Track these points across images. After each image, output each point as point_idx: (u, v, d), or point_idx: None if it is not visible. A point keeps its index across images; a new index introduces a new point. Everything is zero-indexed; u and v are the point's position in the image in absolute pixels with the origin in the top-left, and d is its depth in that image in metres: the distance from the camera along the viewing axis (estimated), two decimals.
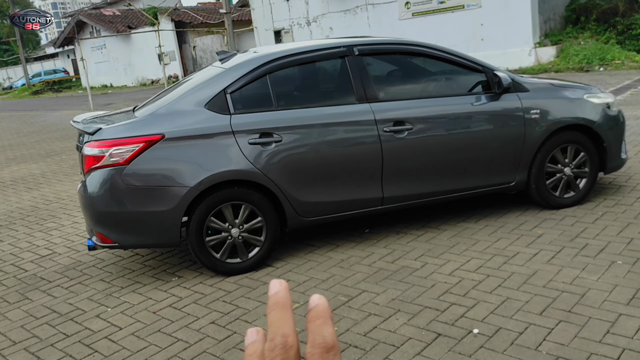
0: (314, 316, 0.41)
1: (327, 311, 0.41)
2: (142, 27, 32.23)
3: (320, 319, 0.41)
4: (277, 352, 0.40)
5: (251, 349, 0.43)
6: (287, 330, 0.41)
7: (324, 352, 0.39)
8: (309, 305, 0.42)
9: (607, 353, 2.67)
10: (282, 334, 0.40)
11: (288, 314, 0.41)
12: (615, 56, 14.31)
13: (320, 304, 0.42)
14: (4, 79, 55.17)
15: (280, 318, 0.41)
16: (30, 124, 17.91)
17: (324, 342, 0.40)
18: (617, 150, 4.76)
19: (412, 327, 3.10)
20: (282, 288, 0.43)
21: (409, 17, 17.80)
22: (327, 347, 0.39)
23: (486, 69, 4.51)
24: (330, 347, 0.40)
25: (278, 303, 0.42)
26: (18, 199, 7.35)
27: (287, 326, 0.41)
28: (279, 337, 0.40)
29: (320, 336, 0.40)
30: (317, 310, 0.41)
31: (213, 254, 4.02)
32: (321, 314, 0.41)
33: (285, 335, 0.40)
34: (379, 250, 4.23)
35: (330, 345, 0.40)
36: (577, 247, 3.90)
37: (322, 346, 0.39)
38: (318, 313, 0.41)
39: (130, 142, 3.83)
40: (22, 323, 3.69)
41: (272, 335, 0.41)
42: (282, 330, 0.41)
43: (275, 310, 0.42)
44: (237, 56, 4.55)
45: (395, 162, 4.25)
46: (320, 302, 0.42)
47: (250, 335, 0.44)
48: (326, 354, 0.39)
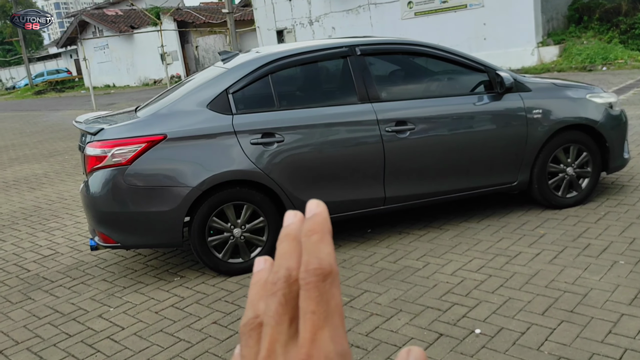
0: (310, 230, 0.34)
1: (325, 223, 0.35)
2: (145, 27, 32.27)
3: (317, 234, 0.34)
4: (280, 285, 0.34)
5: (256, 277, 0.38)
6: (292, 263, 0.35)
7: (319, 281, 0.33)
8: (306, 212, 0.35)
9: (609, 353, 2.66)
10: (287, 267, 0.35)
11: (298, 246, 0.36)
12: (618, 55, 14.28)
13: (318, 213, 0.35)
14: (7, 79, 55.30)
15: (288, 250, 0.35)
16: (33, 124, 17.95)
17: (319, 267, 0.33)
18: (619, 149, 4.75)
19: (414, 327, 3.10)
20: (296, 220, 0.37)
21: (412, 17, 17.78)
22: (324, 274, 0.33)
23: (488, 69, 4.51)
24: (327, 274, 0.33)
25: (289, 235, 0.36)
26: (21, 199, 7.37)
27: (293, 259, 0.35)
28: (283, 269, 0.35)
29: (316, 258, 0.33)
30: (314, 222, 0.34)
31: (215, 254, 4.02)
32: (318, 227, 0.34)
33: (290, 268, 0.35)
34: (381, 250, 4.23)
35: (327, 271, 0.33)
36: (579, 247, 3.90)
37: (318, 272, 0.33)
38: (314, 226, 0.34)
39: (132, 142, 3.84)
40: (25, 323, 3.69)
41: (276, 267, 0.36)
42: (288, 262, 0.35)
43: (285, 241, 0.36)
44: (239, 56, 4.55)
45: (398, 162, 4.24)
46: (318, 211, 0.35)
47: (258, 264, 0.39)
48: (322, 283, 0.33)
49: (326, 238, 0.34)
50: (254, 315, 0.36)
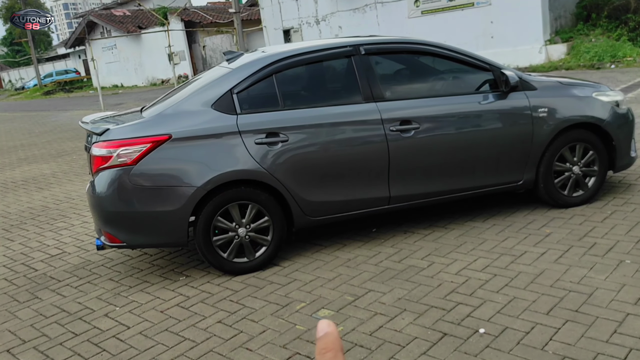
0: (324, 348, 0.38)
1: (337, 342, 0.38)
2: (152, 27, 32.40)
3: (330, 351, 0.38)
4: None
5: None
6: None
7: None
8: (317, 331, 0.38)
9: (614, 353, 2.65)
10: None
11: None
12: (627, 53, 14.17)
13: (330, 332, 0.38)
14: (17, 79, 55.73)
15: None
16: (42, 124, 18.08)
17: None
18: (626, 148, 4.72)
19: (418, 326, 3.10)
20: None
21: (418, 15, 17.74)
22: None
23: (493, 68, 4.49)
24: None
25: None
26: (29, 198, 7.43)
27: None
28: None
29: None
30: (327, 342, 0.38)
31: (220, 253, 4.04)
32: (331, 345, 0.38)
33: None
34: (386, 249, 4.23)
35: None
36: (585, 246, 3.88)
37: None
38: (327, 345, 0.38)
39: (137, 142, 3.86)
40: (32, 322, 3.73)
41: None
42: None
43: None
44: (244, 56, 4.56)
45: (402, 162, 4.24)
46: (329, 331, 0.39)
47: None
48: None
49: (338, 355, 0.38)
50: None
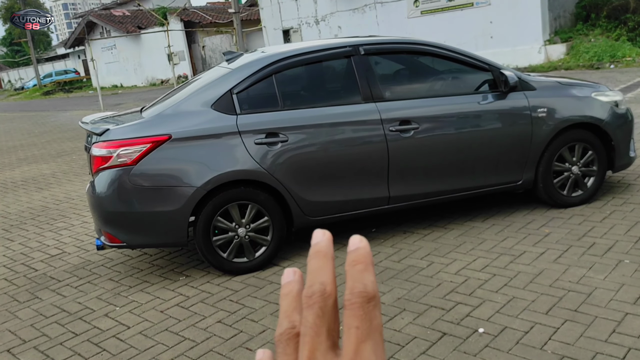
0: (355, 260, 0.38)
1: (368, 256, 0.38)
2: (152, 27, 32.39)
3: (361, 264, 0.38)
4: (315, 299, 0.38)
5: (286, 288, 0.41)
6: (326, 278, 0.38)
7: (364, 302, 0.36)
8: (348, 246, 0.39)
9: (612, 352, 2.66)
10: (321, 282, 0.38)
11: (328, 263, 0.39)
12: (626, 53, 14.18)
13: (362, 247, 0.39)
14: (16, 79, 55.70)
15: (321, 266, 0.39)
16: (42, 124, 18.08)
17: (364, 291, 0.37)
18: (625, 148, 4.73)
19: (418, 326, 3.11)
20: (325, 238, 0.41)
21: (418, 15, 17.74)
22: (368, 297, 0.37)
23: (492, 68, 4.50)
24: (371, 297, 0.37)
25: (320, 252, 0.40)
26: (29, 198, 7.43)
27: (326, 274, 0.39)
28: (318, 284, 0.38)
29: (361, 284, 0.37)
30: (358, 254, 0.38)
31: (220, 253, 4.04)
32: (362, 258, 0.38)
33: (324, 283, 0.38)
34: (386, 249, 4.24)
35: (371, 295, 0.37)
36: (584, 246, 3.89)
37: (363, 295, 0.37)
38: (359, 257, 0.38)
39: (137, 142, 3.87)
40: (32, 322, 3.73)
41: (310, 282, 0.39)
42: (321, 277, 0.38)
43: (316, 258, 0.40)
44: (244, 56, 4.57)
45: (402, 162, 4.25)
46: (361, 246, 0.39)
47: (287, 275, 0.42)
48: (367, 304, 0.36)
49: (369, 268, 0.38)
50: (291, 325, 0.39)
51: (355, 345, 0.36)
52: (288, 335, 0.39)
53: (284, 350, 0.39)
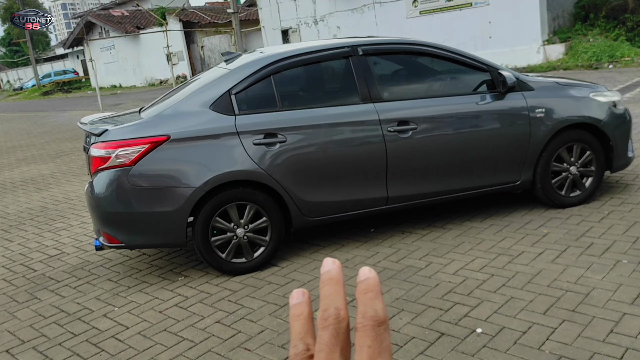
0: (365, 289, 0.42)
1: (377, 285, 0.42)
2: (151, 27, 32.38)
3: (371, 292, 0.42)
4: (331, 321, 0.41)
5: (297, 310, 0.45)
6: (339, 303, 0.42)
7: (375, 326, 0.40)
8: (358, 277, 0.43)
9: (610, 352, 2.67)
10: (336, 307, 0.42)
11: (341, 289, 0.43)
12: (625, 53, 14.20)
13: (371, 277, 0.43)
14: (15, 79, 55.66)
15: (334, 292, 0.43)
16: (40, 124, 18.07)
17: (375, 316, 0.41)
18: (623, 148, 4.74)
19: (416, 326, 3.11)
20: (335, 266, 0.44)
21: (417, 16, 17.75)
22: (379, 321, 0.41)
23: (491, 68, 4.51)
24: (382, 321, 0.41)
25: (332, 279, 0.44)
26: (28, 199, 7.43)
27: (340, 300, 0.42)
28: (332, 309, 0.42)
29: (372, 309, 0.41)
30: (369, 284, 0.42)
31: (219, 253, 4.05)
32: (372, 287, 0.42)
33: (338, 308, 0.42)
34: (384, 249, 4.24)
35: (381, 320, 0.41)
36: (582, 246, 3.90)
37: (374, 319, 0.41)
38: (369, 286, 0.42)
39: (136, 143, 3.87)
40: (31, 322, 3.74)
41: (325, 306, 0.42)
42: (335, 303, 0.42)
43: (329, 285, 0.43)
44: (242, 57, 4.57)
45: (400, 162, 4.25)
46: (371, 276, 0.43)
47: (297, 297, 0.45)
48: (378, 327, 0.40)
49: (379, 296, 0.42)
50: (305, 347, 0.43)
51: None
52: (302, 356, 0.43)
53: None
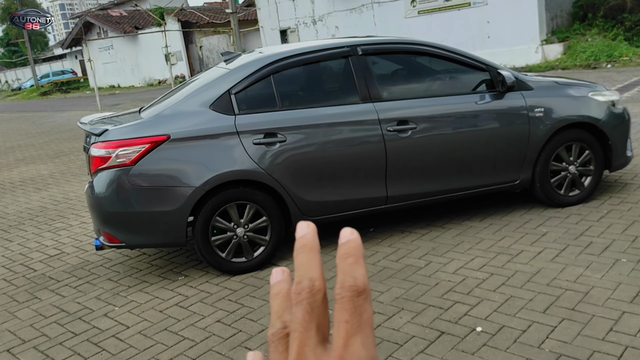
0: (345, 253, 0.38)
1: (359, 249, 0.38)
2: (149, 27, 32.36)
3: (351, 257, 0.37)
4: (304, 295, 0.37)
5: (276, 288, 0.41)
6: (314, 273, 0.38)
7: (354, 296, 0.36)
8: (339, 239, 0.38)
9: (609, 351, 2.68)
10: (309, 278, 0.38)
11: (316, 257, 0.39)
12: (623, 53, 14.22)
13: (352, 239, 0.38)
14: (13, 80, 55.59)
15: (308, 261, 0.39)
16: (39, 124, 18.05)
17: (354, 285, 0.36)
18: (622, 148, 4.75)
19: (416, 325, 3.12)
20: (310, 230, 0.40)
21: (415, 15, 17.77)
22: (358, 290, 0.36)
23: (490, 68, 4.52)
24: (361, 291, 0.36)
25: (306, 245, 0.39)
26: (27, 199, 7.43)
27: (314, 269, 0.38)
28: (306, 280, 0.38)
29: (351, 277, 0.37)
30: (349, 247, 0.38)
31: (219, 253, 4.06)
32: (353, 251, 0.38)
33: (313, 279, 0.38)
34: (384, 249, 4.25)
35: (361, 289, 0.36)
36: (581, 245, 3.91)
37: (353, 289, 0.36)
38: (349, 250, 0.38)
39: (136, 143, 3.88)
40: (32, 322, 3.74)
41: (298, 278, 0.38)
42: (309, 273, 0.38)
43: (303, 252, 0.39)
44: (242, 57, 4.58)
45: (399, 161, 4.26)
46: (352, 238, 0.38)
47: (276, 275, 0.42)
48: (356, 298, 0.36)
49: (360, 261, 0.38)
50: (282, 325, 0.39)
51: (345, 339, 0.36)
52: (280, 335, 0.39)
53: (276, 348, 0.39)
